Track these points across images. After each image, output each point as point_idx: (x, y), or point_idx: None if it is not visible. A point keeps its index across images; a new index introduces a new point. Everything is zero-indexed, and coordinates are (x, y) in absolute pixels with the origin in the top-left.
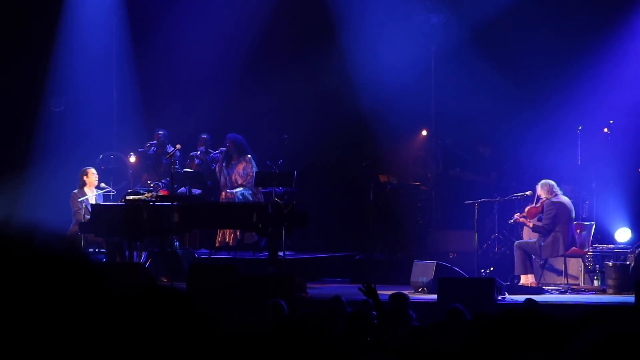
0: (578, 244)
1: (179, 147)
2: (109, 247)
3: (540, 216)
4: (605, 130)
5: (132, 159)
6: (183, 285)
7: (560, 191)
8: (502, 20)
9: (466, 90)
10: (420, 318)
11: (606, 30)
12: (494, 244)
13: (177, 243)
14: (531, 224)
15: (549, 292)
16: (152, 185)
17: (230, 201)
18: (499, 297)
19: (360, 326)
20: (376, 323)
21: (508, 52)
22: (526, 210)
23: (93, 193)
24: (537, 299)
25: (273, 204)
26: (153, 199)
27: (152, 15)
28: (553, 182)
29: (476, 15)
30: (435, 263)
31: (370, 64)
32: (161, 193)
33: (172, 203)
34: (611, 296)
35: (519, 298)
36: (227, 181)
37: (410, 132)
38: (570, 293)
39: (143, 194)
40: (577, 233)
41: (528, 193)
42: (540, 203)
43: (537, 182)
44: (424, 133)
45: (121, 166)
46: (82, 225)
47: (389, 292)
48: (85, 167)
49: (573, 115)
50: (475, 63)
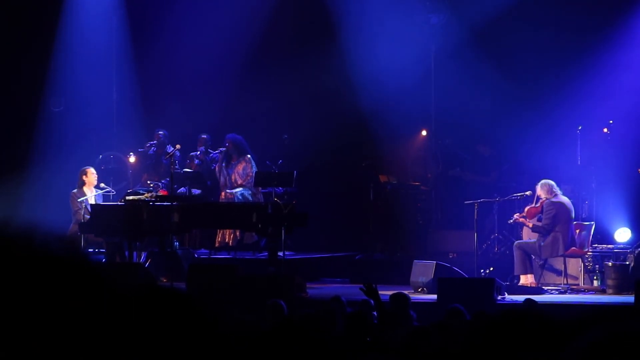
0: (578, 244)
1: (179, 147)
2: (109, 247)
3: (539, 216)
4: (605, 130)
5: (132, 159)
6: (183, 285)
7: (560, 191)
8: (502, 20)
9: (466, 90)
10: (420, 318)
11: (606, 30)
12: (494, 244)
13: (177, 243)
14: (531, 224)
15: (549, 292)
16: (152, 185)
17: (230, 201)
18: (499, 297)
19: (360, 326)
20: (376, 323)
21: (508, 52)
22: (526, 210)
23: (92, 193)
24: (537, 299)
25: (273, 204)
26: (153, 199)
27: (152, 15)
28: (553, 182)
29: (476, 15)
30: (435, 263)
31: (370, 64)
32: (161, 193)
33: (172, 203)
34: (611, 296)
35: (519, 298)
36: (227, 181)
37: (410, 132)
38: (569, 293)
39: (143, 194)
40: (577, 233)
41: (528, 193)
42: (539, 203)
43: (537, 182)
44: (424, 133)
45: (121, 166)
46: (82, 225)
47: (389, 292)
48: (84, 167)
49: (573, 115)
50: (475, 63)
